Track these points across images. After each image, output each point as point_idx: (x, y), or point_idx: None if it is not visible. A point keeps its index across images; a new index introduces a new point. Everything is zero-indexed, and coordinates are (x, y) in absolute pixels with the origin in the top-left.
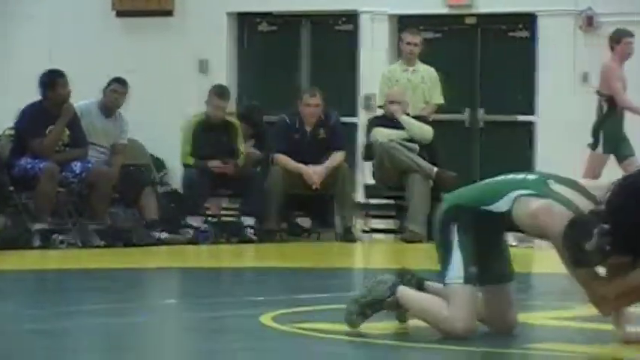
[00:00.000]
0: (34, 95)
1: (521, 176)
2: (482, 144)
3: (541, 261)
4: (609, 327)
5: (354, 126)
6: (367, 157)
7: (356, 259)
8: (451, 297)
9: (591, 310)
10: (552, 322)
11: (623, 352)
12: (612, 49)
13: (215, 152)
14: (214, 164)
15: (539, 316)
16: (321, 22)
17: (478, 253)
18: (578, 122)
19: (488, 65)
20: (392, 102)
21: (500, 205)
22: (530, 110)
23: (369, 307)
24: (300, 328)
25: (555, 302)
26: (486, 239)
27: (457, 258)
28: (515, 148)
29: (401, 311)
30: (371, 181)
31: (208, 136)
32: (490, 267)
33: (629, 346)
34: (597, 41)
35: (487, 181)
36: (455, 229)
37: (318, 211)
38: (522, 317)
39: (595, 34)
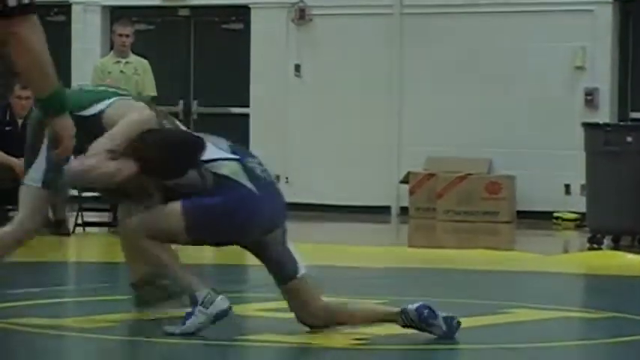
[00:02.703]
0: None
1: (112, 89)
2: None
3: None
4: None
5: None
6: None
7: (69, 252)
8: (26, 198)
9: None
10: (262, 313)
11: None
12: None
13: None
14: None
15: (250, 307)
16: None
17: None
18: (291, 114)
19: (202, 57)
20: None
21: (91, 110)
22: (245, 102)
23: None
24: (14, 324)
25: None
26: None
27: (41, 161)
28: (229, 139)
29: None
30: None
31: None
32: None
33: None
34: (309, 34)
35: (83, 87)
36: (47, 133)
37: None
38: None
39: (307, 26)
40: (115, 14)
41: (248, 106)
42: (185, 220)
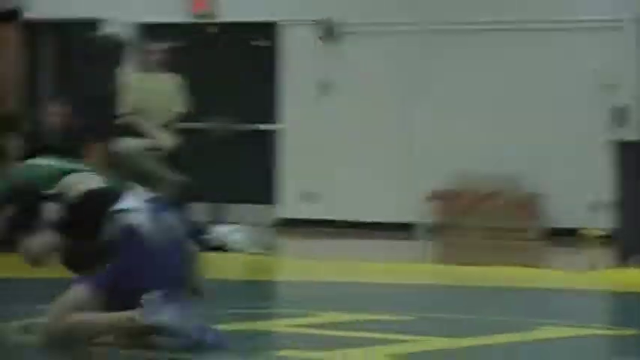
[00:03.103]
0: None
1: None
2: (225, 152)
3: (281, 269)
4: (343, 333)
5: None
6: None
7: None
8: None
9: (331, 317)
10: (293, 329)
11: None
12: None
13: None
14: None
15: (280, 323)
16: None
17: None
18: (320, 131)
19: (230, 74)
20: (135, 110)
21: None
22: (272, 119)
23: None
24: None
25: (296, 310)
26: None
27: None
28: (256, 156)
29: None
30: None
31: None
32: None
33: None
34: (338, 51)
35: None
36: None
37: None
38: (264, 325)
39: (336, 44)
40: (147, 31)
41: (277, 122)
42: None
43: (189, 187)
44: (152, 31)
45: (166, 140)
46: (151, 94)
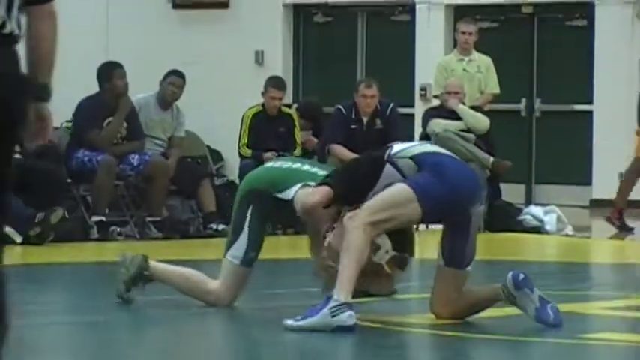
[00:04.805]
0: (91, 88)
1: (313, 170)
2: (538, 133)
3: (597, 251)
4: None
5: (411, 117)
6: None
7: None
8: (225, 273)
9: None
10: (610, 312)
11: None
12: None
13: (272, 143)
14: (267, 156)
15: (595, 305)
16: (378, 12)
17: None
18: (635, 111)
19: (544, 54)
20: (449, 92)
21: (289, 194)
22: (587, 99)
23: (132, 282)
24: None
25: (611, 292)
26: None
27: (243, 239)
28: (571, 137)
29: (153, 281)
30: None
31: (265, 127)
32: None
33: None
34: None
35: (282, 165)
36: (249, 211)
37: None
38: (580, 307)
39: None
40: (459, 12)
41: (591, 102)
42: (421, 204)
43: (500, 169)
44: (464, 12)
45: (480, 122)
46: (464, 75)
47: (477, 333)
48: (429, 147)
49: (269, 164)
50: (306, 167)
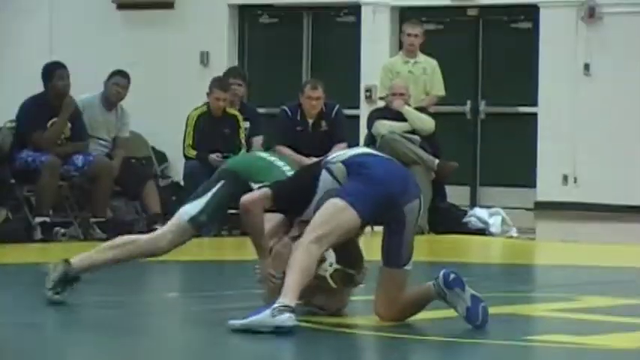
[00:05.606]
0: (35, 88)
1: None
2: (483, 135)
3: (541, 253)
4: (613, 318)
5: (356, 118)
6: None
7: None
8: (171, 224)
9: (593, 302)
10: (553, 313)
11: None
12: None
13: (217, 144)
14: (212, 157)
15: (538, 307)
16: (323, 14)
17: None
18: (579, 113)
19: (489, 57)
20: (394, 94)
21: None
22: (532, 102)
23: (59, 285)
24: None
25: (555, 294)
26: None
27: (202, 201)
28: (516, 139)
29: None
30: None
31: (210, 129)
32: None
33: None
34: (599, 33)
35: (264, 155)
36: (221, 183)
37: None
38: (523, 309)
39: (597, 25)
40: (404, 14)
41: (536, 105)
42: (354, 209)
43: (446, 170)
44: (410, 14)
45: (425, 123)
46: (409, 77)
47: (420, 335)
48: (360, 150)
49: (261, 154)
50: (286, 168)
